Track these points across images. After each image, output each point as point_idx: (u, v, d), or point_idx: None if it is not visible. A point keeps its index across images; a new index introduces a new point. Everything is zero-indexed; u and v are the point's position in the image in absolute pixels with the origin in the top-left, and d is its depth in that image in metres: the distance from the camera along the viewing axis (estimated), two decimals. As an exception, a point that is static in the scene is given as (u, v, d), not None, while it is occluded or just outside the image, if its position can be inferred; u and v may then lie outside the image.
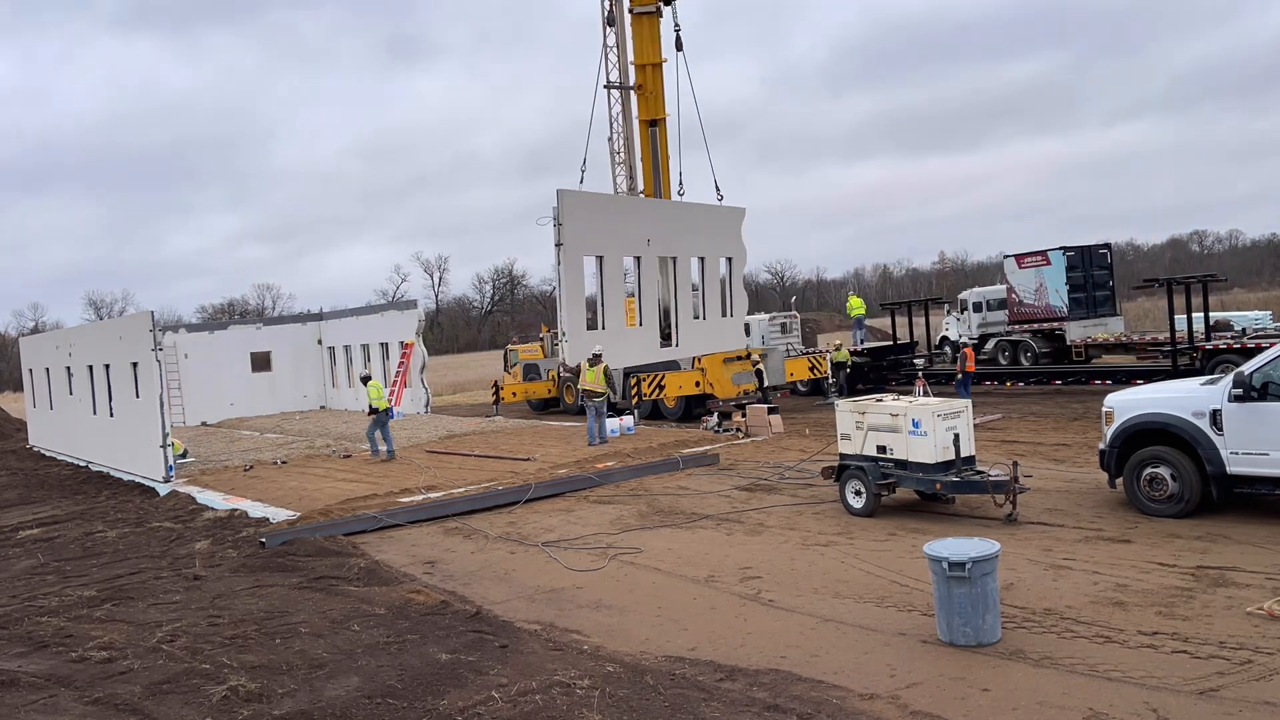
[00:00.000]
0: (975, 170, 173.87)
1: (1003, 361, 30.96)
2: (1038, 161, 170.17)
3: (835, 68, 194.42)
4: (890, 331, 34.83)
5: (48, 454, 27.88)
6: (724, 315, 23.33)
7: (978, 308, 34.01)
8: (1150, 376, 20.61)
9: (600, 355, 20.15)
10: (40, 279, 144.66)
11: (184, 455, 21.53)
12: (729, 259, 23.94)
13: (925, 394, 24.21)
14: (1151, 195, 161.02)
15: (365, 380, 20.74)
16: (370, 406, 19.99)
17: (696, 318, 23.36)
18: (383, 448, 19.90)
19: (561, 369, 23.08)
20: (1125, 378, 23.34)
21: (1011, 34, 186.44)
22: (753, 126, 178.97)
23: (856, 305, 31.43)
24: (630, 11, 25.01)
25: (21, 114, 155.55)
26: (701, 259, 23.28)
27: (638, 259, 21.65)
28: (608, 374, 20.86)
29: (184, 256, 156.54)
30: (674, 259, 22.46)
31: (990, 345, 31.93)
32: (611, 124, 26.80)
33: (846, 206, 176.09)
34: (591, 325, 20.74)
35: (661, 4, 24.80)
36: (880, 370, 29.89)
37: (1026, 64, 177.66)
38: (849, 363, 28.37)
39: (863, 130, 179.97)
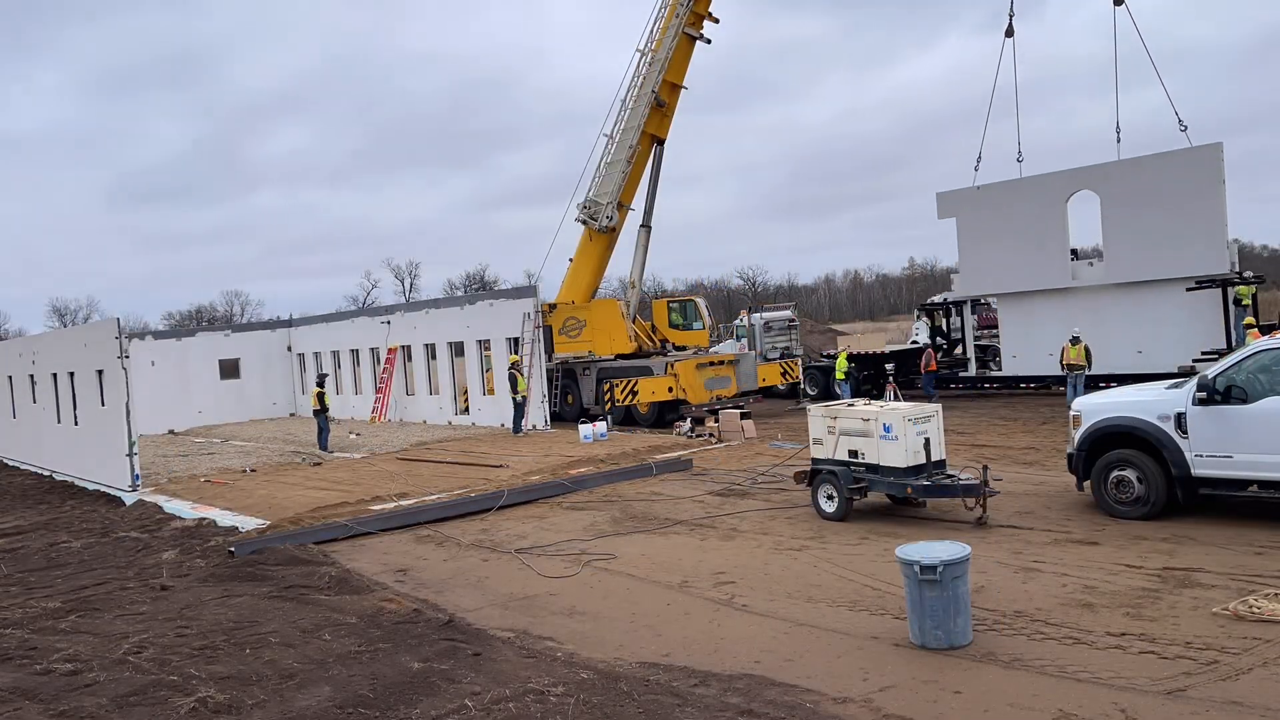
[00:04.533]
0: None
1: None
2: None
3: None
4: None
5: (10, 463, 27.41)
6: (513, 393, 24.72)
7: (946, 313, 34.30)
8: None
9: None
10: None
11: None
12: (512, 339, 26.38)
13: (896, 398, 24.41)
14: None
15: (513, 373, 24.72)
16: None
17: (487, 393, 27.85)
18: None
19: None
20: (1091, 383, 23.63)
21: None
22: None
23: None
24: (683, 31, 26.08)
25: None
26: (484, 341, 27.80)
27: (430, 345, 30.01)
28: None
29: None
30: (461, 343, 28.53)
31: (959, 349, 32.19)
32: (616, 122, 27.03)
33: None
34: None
35: (702, 39, 26.37)
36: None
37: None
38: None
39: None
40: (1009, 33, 27.18)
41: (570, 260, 28.56)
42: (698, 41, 26.27)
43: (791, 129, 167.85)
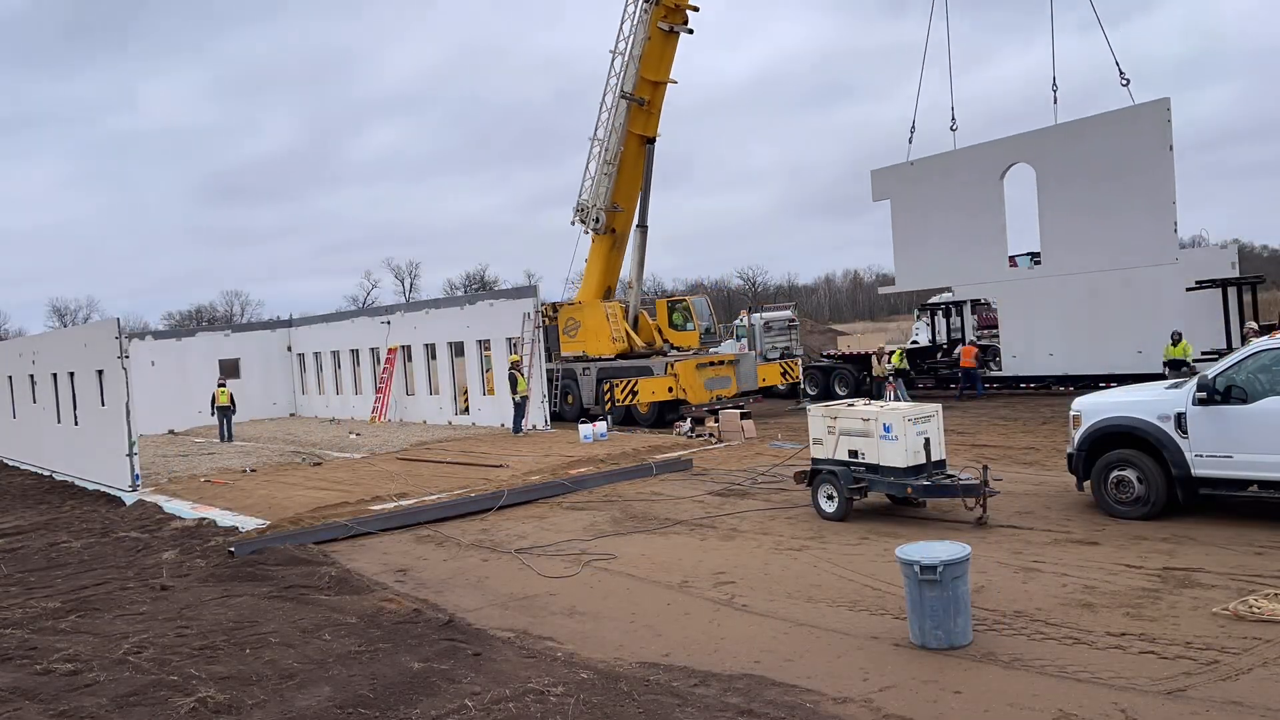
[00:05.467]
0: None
1: None
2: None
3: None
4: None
5: (10, 463, 27.40)
6: (513, 393, 24.70)
7: (946, 313, 34.36)
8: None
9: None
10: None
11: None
12: (511, 339, 26.46)
13: (896, 399, 24.41)
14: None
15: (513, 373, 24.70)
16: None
17: (487, 393, 27.81)
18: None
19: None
20: (1091, 383, 23.64)
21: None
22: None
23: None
24: (656, 26, 25.73)
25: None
26: (484, 342, 27.90)
27: (430, 345, 30.05)
28: None
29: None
30: (461, 343, 28.48)
31: (957, 350, 32.23)
32: (598, 123, 26.85)
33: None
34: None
35: (683, 30, 25.86)
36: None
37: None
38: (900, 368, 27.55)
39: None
40: None
41: (586, 261, 28.76)
42: (680, 34, 25.81)
43: (860, 127, 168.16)
